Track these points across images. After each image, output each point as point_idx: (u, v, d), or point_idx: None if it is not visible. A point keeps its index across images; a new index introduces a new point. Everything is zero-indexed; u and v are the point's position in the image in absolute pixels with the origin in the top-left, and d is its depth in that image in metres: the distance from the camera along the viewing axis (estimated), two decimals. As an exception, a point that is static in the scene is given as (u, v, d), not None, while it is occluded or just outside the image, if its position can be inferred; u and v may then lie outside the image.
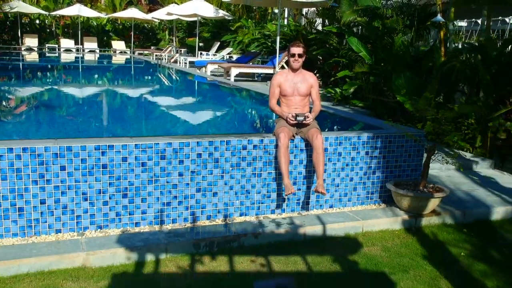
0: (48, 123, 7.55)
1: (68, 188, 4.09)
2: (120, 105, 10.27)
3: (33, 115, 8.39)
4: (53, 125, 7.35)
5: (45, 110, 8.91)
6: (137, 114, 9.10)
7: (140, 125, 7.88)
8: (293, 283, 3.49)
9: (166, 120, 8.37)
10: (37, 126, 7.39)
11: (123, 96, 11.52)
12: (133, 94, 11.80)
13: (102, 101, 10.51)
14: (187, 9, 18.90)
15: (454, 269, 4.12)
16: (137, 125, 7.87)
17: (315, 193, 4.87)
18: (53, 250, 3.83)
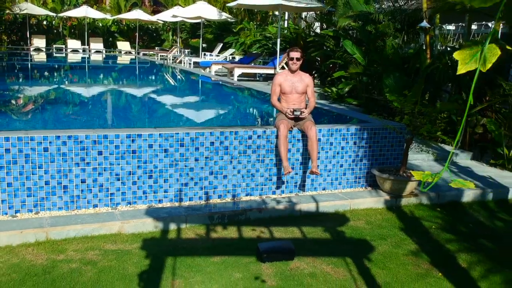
0: (67, 117, 8.40)
1: (104, 169, 4.93)
2: (135, 104, 11.10)
3: (51, 111, 9.23)
4: (72, 120, 8.20)
5: (57, 106, 9.73)
6: (150, 111, 9.95)
7: (154, 120, 8.73)
8: (291, 244, 4.33)
9: (177, 116, 9.21)
10: (62, 119, 8.25)
11: (137, 95, 12.35)
12: (144, 93, 12.64)
13: (119, 100, 11.35)
14: (192, 12, 19.75)
15: (424, 237, 4.97)
16: (152, 121, 8.72)
17: (310, 175, 5.72)
18: (94, 219, 4.67)
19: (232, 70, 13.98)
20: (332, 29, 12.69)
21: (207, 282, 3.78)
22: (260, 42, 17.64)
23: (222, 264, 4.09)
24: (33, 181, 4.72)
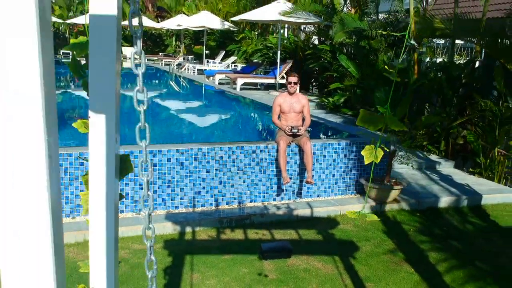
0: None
1: (129, 180, 5.78)
2: (150, 113, 12.01)
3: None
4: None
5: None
6: (162, 122, 10.83)
7: (167, 131, 9.61)
8: (288, 244, 5.18)
9: (185, 124, 10.09)
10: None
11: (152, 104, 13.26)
12: (156, 104, 13.53)
13: (134, 112, 12.20)
14: (196, 22, 20.61)
15: (402, 239, 5.82)
16: (166, 131, 9.59)
17: (306, 184, 6.58)
18: (122, 223, 5.52)
19: (235, 79, 14.85)
20: (329, 42, 13.53)
21: (219, 276, 4.63)
22: (261, 51, 18.49)
23: (231, 261, 4.95)
24: (70, 190, 5.58)
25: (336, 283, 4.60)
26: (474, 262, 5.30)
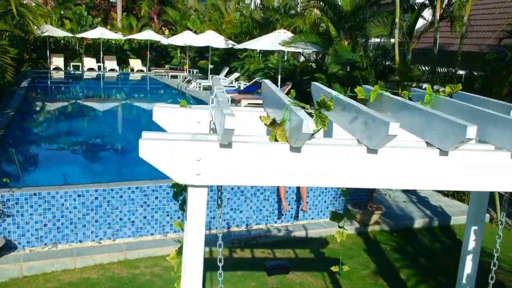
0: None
1: (158, 209, 7.13)
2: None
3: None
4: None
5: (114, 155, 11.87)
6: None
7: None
8: (287, 262, 6.53)
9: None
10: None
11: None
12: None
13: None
14: (201, 41, 21.98)
15: (380, 256, 7.17)
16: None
17: (301, 211, 7.93)
18: (154, 244, 6.87)
19: (239, 101, 16.20)
20: (324, 68, 14.84)
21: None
22: (263, 70, 19.83)
23: (242, 276, 6.29)
24: (112, 218, 6.93)
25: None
26: (437, 276, 6.64)
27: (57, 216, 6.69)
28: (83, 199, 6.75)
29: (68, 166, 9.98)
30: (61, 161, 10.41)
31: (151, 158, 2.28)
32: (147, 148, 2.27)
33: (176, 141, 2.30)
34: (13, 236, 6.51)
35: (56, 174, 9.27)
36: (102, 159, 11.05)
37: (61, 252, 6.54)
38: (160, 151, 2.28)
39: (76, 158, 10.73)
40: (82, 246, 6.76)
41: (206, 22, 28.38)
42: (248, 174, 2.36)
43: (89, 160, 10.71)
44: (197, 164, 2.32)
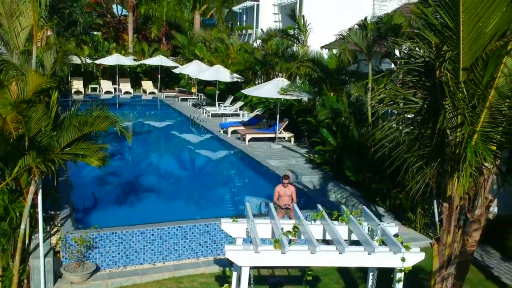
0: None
1: (194, 240, 10.33)
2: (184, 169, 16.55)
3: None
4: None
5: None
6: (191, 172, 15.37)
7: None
8: (283, 279, 9.73)
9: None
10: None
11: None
12: (187, 159, 18.12)
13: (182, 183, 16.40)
14: (210, 76, 25.17)
15: (347, 274, 10.37)
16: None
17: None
18: (193, 266, 10.06)
19: (244, 135, 19.39)
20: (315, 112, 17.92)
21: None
22: (263, 103, 22.99)
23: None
24: (162, 247, 10.11)
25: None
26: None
27: (126, 246, 9.89)
28: (143, 235, 9.96)
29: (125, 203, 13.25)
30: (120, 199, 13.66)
31: (229, 254, 5.48)
32: (230, 248, 5.48)
33: (237, 251, 5.52)
34: (97, 261, 9.71)
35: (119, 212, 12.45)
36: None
37: (130, 272, 9.75)
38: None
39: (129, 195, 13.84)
40: (142, 268, 9.96)
41: (212, 50, 31.54)
42: (266, 262, 5.56)
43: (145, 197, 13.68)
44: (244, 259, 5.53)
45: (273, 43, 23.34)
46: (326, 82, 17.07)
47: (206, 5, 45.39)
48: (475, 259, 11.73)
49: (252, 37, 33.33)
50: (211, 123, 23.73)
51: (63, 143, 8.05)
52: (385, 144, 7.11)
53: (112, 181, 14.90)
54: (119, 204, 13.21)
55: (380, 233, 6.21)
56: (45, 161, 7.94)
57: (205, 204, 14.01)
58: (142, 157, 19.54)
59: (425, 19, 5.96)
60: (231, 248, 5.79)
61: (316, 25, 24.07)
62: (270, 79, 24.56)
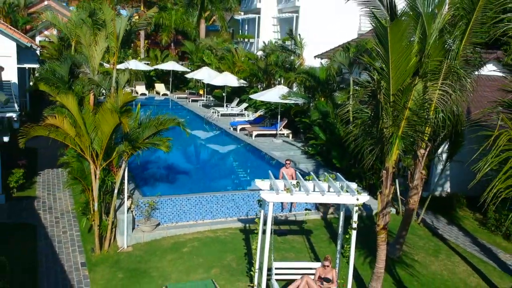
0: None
1: (224, 204, 14.70)
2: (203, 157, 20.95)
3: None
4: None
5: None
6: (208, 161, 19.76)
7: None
8: (286, 231, 14.11)
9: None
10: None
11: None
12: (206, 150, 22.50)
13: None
14: (219, 81, 29.50)
15: (332, 231, 14.78)
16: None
17: (293, 207, 15.56)
18: (222, 222, 14.43)
19: (251, 132, 23.76)
20: (309, 114, 22.29)
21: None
22: (265, 105, 27.33)
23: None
24: (202, 209, 14.46)
25: (304, 250, 13.58)
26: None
27: (178, 209, 14.24)
28: (189, 201, 14.32)
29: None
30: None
31: (263, 195, 9.88)
32: (264, 193, 9.88)
33: (265, 191, 9.92)
34: (159, 218, 14.04)
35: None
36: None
37: (181, 226, 14.10)
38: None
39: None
40: (188, 223, 14.30)
41: (218, 57, 35.84)
42: (281, 199, 9.96)
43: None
44: (268, 195, 9.93)
45: (274, 57, 27.70)
46: (318, 89, 21.48)
47: (208, 11, 49.64)
48: (426, 222, 16.26)
49: (254, 45, 37.68)
50: (221, 122, 28.07)
51: (145, 136, 12.39)
52: (352, 137, 11.51)
53: (160, 165, 19.55)
54: (167, 181, 17.67)
55: (345, 186, 10.52)
56: (134, 148, 12.30)
57: (228, 180, 18.73)
58: (176, 147, 23.89)
59: (372, 64, 10.36)
60: (266, 193, 10.03)
61: (311, 35, 28.43)
62: (271, 85, 29.05)
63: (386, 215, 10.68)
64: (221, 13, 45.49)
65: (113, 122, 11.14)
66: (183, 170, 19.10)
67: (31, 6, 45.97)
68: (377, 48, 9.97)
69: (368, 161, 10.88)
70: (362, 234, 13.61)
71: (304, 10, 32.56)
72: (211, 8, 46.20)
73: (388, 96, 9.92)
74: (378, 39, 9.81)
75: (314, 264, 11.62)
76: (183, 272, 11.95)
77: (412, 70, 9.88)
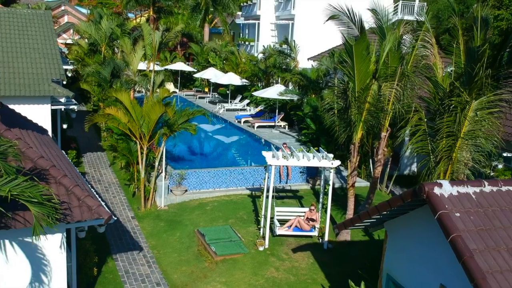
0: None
1: (238, 178, 19.14)
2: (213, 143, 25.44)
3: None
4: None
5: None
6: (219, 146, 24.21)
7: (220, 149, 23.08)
8: (284, 196, 18.55)
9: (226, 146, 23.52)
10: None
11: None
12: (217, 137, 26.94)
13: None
14: (224, 80, 33.87)
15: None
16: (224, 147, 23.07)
17: (289, 180, 20.03)
18: (236, 190, 18.86)
19: (254, 123, 28.18)
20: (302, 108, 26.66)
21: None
22: (265, 101, 31.73)
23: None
24: (219, 179, 18.89)
25: (297, 207, 18.03)
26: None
27: (200, 179, 18.65)
28: (209, 173, 18.73)
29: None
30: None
31: (268, 160, 14.34)
32: (269, 159, 14.34)
33: (269, 157, 14.37)
34: (186, 185, 18.44)
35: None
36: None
37: (202, 192, 18.52)
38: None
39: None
40: (208, 190, 18.71)
41: (222, 58, 40.20)
42: (280, 163, 14.42)
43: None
44: (271, 160, 14.38)
45: (272, 60, 32.10)
46: (309, 88, 25.90)
47: (211, 15, 53.93)
48: (394, 193, 20.72)
49: (254, 48, 42.10)
50: (227, 116, 32.46)
51: (180, 122, 16.79)
52: (331, 124, 16.00)
53: (184, 148, 24.07)
54: (191, 158, 22.22)
55: (325, 156, 14.90)
56: (171, 131, 16.71)
57: (236, 159, 23.19)
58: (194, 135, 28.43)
59: (343, 70, 14.82)
60: (269, 159, 14.39)
61: (304, 39, 32.81)
62: (269, 83, 33.52)
63: (353, 176, 15.14)
64: (223, 17, 49.83)
65: (159, 111, 15.54)
66: (202, 152, 23.64)
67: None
68: (346, 58, 14.41)
69: (342, 138, 15.33)
70: (341, 199, 18.10)
71: (299, 18, 36.94)
72: (213, 13, 50.49)
73: (354, 92, 14.36)
74: (347, 52, 14.25)
75: (304, 209, 16.04)
76: (208, 221, 16.35)
77: (370, 74, 14.32)
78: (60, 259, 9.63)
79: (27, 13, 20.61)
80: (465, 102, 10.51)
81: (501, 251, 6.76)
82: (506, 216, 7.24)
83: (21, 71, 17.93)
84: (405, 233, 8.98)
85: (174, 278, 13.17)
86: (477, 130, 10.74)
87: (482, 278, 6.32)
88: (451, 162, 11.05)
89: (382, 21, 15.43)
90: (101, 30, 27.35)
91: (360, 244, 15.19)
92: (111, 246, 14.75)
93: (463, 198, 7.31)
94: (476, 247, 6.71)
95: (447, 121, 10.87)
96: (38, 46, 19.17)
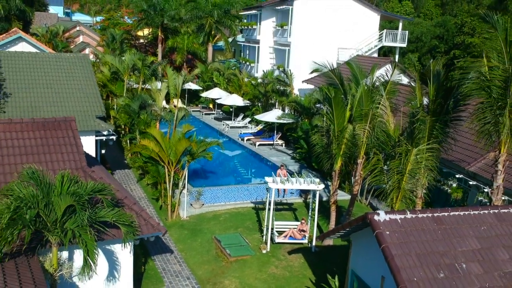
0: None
1: (246, 193, 23.64)
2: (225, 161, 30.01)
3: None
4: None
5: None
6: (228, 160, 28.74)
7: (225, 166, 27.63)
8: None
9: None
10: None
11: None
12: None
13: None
14: (229, 101, 38.38)
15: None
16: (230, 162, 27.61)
17: (285, 194, 24.60)
18: (242, 204, 23.40)
19: (255, 142, 32.73)
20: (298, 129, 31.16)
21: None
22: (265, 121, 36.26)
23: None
24: (228, 194, 23.39)
25: (291, 218, 22.58)
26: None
27: (214, 195, 23.17)
28: (222, 190, 23.25)
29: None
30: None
31: (270, 184, 18.92)
32: (270, 183, 18.92)
33: (270, 182, 18.94)
34: (203, 200, 22.95)
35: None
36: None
37: (216, 205, 23.03)
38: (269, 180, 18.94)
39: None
40: (220, 204, 23.21)
41: (225, 78, 44.74)
42: (279, 187, 18.99)
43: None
44: (271, 184, 18.95)
45: (271, 86, 36.69)
46: (303, 113, 30.48)
47: (213, 32, 58.44)
48: (372, 205, 25.32)
49: (254, 69, 46.70)
50: (231, 133, 36.98)
51: (199, 151, 21.30)
52: (318, 146, 20.60)
53: (199, 167, 28.57)
54: (205, 177, 26.71)
55: (312, 180, 19.39)
56: (193, 158, 21.25)
57: (243, 176, 27.80)
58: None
59: (325, 115, 19.39)
60: (270, 183, 18.86)
61: (299, 63, 37.40)
62: (268, 105, 38.10)
63: (335, 196, 19.72)
64: (225, 37, 54.38)
65: (185, 144, 20.06)
66: (213, 170, 28.14)
67: (65, 31, 54.59)
68: (327, 106, 18.97)
69: (326, 165, 19.90)
70: (327, 210, 22.68)
71: (294, 45, 41.54)
72: (216, 32, 54.99)
73: (334, 132, 18.92)
74: (327, 101, 18.80)
75: (297, 222, 20.58)
76: (222, 230, 20.85)
77: (347, 118, 18.88)
78: (129, 260, 14.14)
79: (70, 57, 25.10)
80: (407, 150, 15.10)
81: (412, 255, 11.31)
82: (418, 233, 11.79)
83: (70, 109, 22.39)
84: (362, 242, 13.53)
85: (199, 274, 17.67)
86: (417, 168, 15.30)
87: (398, 271, 10.87)
88: (400, 191, 15.60)
89: (356, 71, 20.04)
90: (125, 62, 31.80)
91: (340, 248, 19.71)
92: (149, 249, 19.24)
93: (392, 222, 11.86)
94: (396, 252, 11.26)
95: (396, 163, 15.46)
96: (81, 87, 23.64)
